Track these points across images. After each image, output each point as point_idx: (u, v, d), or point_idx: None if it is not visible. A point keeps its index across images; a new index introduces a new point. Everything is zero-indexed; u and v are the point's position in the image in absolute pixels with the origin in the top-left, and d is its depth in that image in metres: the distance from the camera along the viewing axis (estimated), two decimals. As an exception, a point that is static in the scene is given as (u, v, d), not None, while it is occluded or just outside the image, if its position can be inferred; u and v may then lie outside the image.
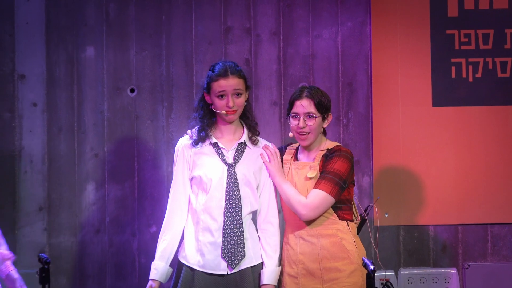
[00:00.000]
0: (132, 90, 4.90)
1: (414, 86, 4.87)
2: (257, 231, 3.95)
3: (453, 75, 4.88)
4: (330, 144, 3.99)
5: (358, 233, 4.00)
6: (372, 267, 3.40)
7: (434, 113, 4.88)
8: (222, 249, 3.82)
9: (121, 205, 4.84)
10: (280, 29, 4.89)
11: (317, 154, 3.95)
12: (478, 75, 4.87)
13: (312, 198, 3.84)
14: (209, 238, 3.85)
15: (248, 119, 3.95)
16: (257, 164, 3.94)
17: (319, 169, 3.91)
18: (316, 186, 3.85)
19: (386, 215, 4.87)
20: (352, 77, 4.90)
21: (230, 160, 3.88)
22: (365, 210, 4.03)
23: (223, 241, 3.82)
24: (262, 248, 3.92)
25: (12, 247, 4.36)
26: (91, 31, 4.88)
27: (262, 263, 3.91)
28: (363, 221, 4.03)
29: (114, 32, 4.88)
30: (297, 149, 4.05)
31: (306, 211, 3.82)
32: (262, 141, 4.00)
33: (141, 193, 4.86)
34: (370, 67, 4.88)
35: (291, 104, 3.95)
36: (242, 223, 3.84)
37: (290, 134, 3.96)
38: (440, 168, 4.86)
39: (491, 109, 4.87)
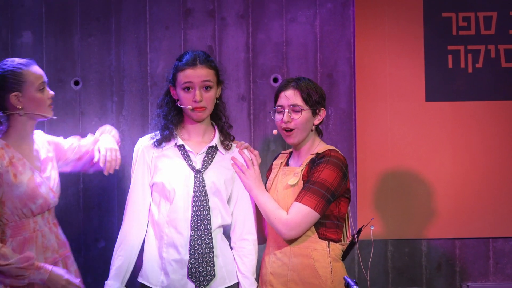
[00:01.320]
0: (76, 83, 4.73)
1: (404, 78, 4.73)
2: (231, 248, 3.87)
3: (450, 65, 4.74)
4: (322, 147, 3.81)
5: (344, 257, 3.79)
6: (355, 287, 3.28)
7: (427, 109, 4.74)
8: (188, 268, 3.69)
9: (63, 216, 4.50)
10: (249, 12, 4.75)
11: (306, 159, 3.79)
12: (479, 65, 4.74)
13: (294, 215, 3.67)
14: (174, 255, 3.73)
15: (220, 120, 3.86)
16: (229, 172, 3.82)
17: (304, 176, 3.72)
18: (299, 199, 3.69)
19: (372, 228, 4.53)
20: (332, 67, 4.75)
21: (198, 165, 3.76)
22: (358, 232, 3.78)
23: (190, 259, 3.70)
24: (237, 268, 3.81)
25: None
26: (28, 12, 4.71)
27: (238, 284, 3.81)
28: (352, 244, 3.79)
29: (55, 14, 4.72)
30: (290, 153, 3.94)
31: (286, 230, 3.68)
32: (235, 149, 3.89)
33: (87, 202, 4.68)
34: (353, 55, 4.74)
35: (276, 97, 3.83)
36: (211, 237, 3.72)
37: (275, 131, 3.87)
38: (435, 173, 4.74)
39: (493, 104, 4.75)
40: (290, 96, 3.74)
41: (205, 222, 3.70)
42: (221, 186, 3.76)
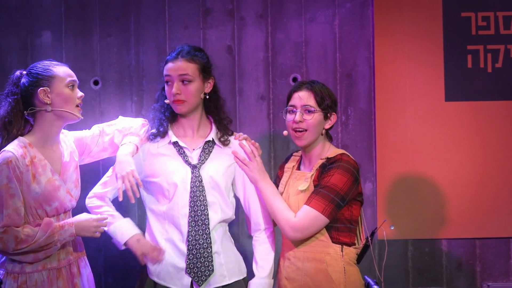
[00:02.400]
0: (96, 82, 4.74)
1: (423, 78, 4.72)
2: (234, 244, 3.83)
3: (469, 65, 4.73)
4: (333, 151, 3.76)
5: (359, 261, 3.74)
6: (375, 287, 3.28)
7: (447, 109, 4.73)
8: (187, 263, 3.68)
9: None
10: (268, 11, 4.75)
11: (316, 163, 3.74)
12: (498, 65, 4.72)
13: (301, 217, 3.63)
14: (172, 250, 3.74)
15: (217, 114, 3.81)
16: (228, 164, 3.79)
17: (314, 181, 3.70)
18: (308, 202, 3.65)
19: (392, 227, 4.71)
20: (351, 67, 4.75)
21: (194, 161, 3.74)
22: (371, 235, 3.75)
23: (188, 254, 3.68)
24: (254, 259, 3.79)
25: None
26: (47, 12, 4.72)
27: (241, 281, 3.78)
28: (365, 247, 3.75)
29: (74, 14, 4.73)
30: (301, 156, 3.88)
31: (292, 232, 3.65)
32: (235, 143, 3.82)
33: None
34: (372, 55, 4.74)
35: (289, 97, 3.78)
36: (209, 233, 3.69)
37: (285, 133, 3.79)
38: (454, 172, 4.72)
39: (513, 104, 4.77)
40: (304, 97, 3.70)
41: (202, 217, 3.67)
42: (219, 179, 3.72)
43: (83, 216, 3.61)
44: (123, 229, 3.70)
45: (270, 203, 3.69)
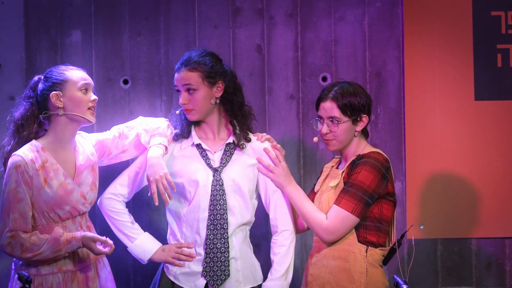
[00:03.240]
0: (125, 82, 4.72)
1: (453, 77, 4.70)
2: (252, 251, 3.83)
3: (499, 64, 4.70)
4: (367, 149, 3.75)
5: (386, 263, 3.72)
6: (405, 287, 3.22)
7: (476, 108, 4.71)
8: (203, 266, 3.69)
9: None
10: (298, 10, 4.73)
11: (349, 161, 3.74)
12: None
13: (332, 219, 3.64)
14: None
15: (235, 116, 3.79)
16: (250, 166, 3.77)
17: (344, 178, 3.70)
18: (337, 202, 3.65)
19: (422, 227, 4.69)
20: (381, 66, 4.73)
21: (215, 164, 3.74)
22: (400, 238, 3.71)
23: (205, 258, 3.69)
24: (271, 261, 3.77)
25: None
26: (77, 12, 4.71)
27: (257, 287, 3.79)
28: (392, 250, 3.71)
29: (104, 13, 4.72)
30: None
31: (326, 234, 3.66)
32: (253, 138, 3.82)
33: (136, 201, 4.59)
34: (402, 54, 4.72)
35: (317, 106, 3.77)
36: (227, 237, 3.69)
37: (315, 139, 3.79)
38: (484, 171, 4.70)
39: (544, 103, 4.76)
40: (328, 109, 3.68)
41: (222, 221, 3.67)
42: (242, 182, 3.72)
43: (89, 234, 3.60)
44: (144, 247, 3.73)
45: (300, 207, 3.70)
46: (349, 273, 3.63)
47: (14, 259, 3.62)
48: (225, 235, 3.67)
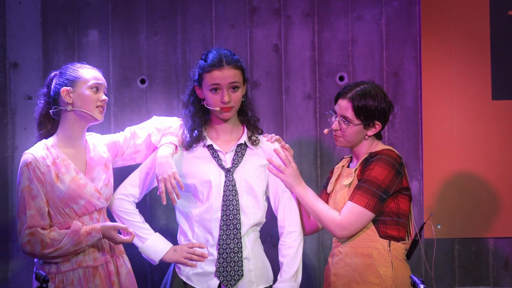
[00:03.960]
0: (142, 81, 4.73)
1: (470, 76, 4.71)
2: (263, 250, 3.82)
3: None
4: (379, 146, 3.77)
5: (409, 257, 3.73)
6: (422, 286, 3.14)
7: (494, 108, 4.71)
8: (216, 266, 3.69)
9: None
10: (315, 10, 4.73)
11: (361, 159, 3.76)
12: None
13: (346, 214, 3.65)
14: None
15: (247, 116, 3.80)
16: (262, 166, 3.77)
17: (358, 175, 3.71)
18: (351, 198, 3.66)
19: (439, 226, 4.68)
20: (398, 66, 4.73)
21: (228, 164, 3.73)
22: (420, 229, 3.72)
23: (219, 258, 3.69)
24: (280, 263, 3.76)
25: (4, 261, 4.56)
26: (94, 11, 4.73)
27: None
28: (415, 242, 3.72)
29: (121, 12, 4.73)
30: (351, 157, 3.90)
31: (339, 230, 3.66)
32: (262, 139, 3.81)
33: (153, 201, 4.65)
34: (419, 53, 4.72)
35: (335, 100, 3.78)
36: (240, 237, 3.68)
37: (326, 131, 3.81)
38: (501, 171, 4.70)
39: (561, 103, 4.75)
40: (343, 107, 3.69)
41: (234, 222, 3.67)
42: (254, 183, 3.72)
43: (109, 223, 3.61)
44: (155, 247, 3.72)
45: (311, 206, 3.70)
46: (374, 269, 3.63)
47: (35, 259, 3.63)
48: (238, 236, 3.67)
